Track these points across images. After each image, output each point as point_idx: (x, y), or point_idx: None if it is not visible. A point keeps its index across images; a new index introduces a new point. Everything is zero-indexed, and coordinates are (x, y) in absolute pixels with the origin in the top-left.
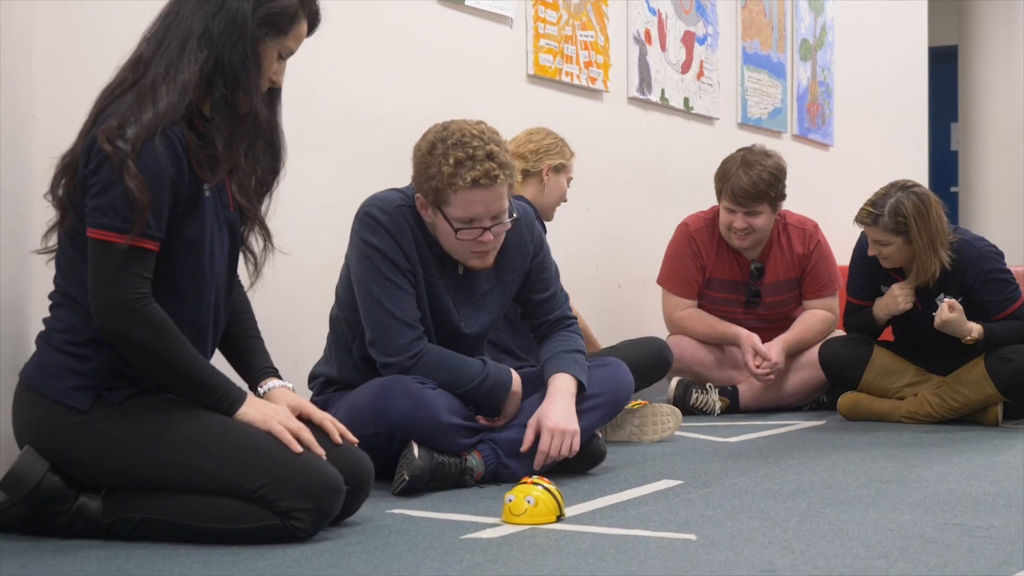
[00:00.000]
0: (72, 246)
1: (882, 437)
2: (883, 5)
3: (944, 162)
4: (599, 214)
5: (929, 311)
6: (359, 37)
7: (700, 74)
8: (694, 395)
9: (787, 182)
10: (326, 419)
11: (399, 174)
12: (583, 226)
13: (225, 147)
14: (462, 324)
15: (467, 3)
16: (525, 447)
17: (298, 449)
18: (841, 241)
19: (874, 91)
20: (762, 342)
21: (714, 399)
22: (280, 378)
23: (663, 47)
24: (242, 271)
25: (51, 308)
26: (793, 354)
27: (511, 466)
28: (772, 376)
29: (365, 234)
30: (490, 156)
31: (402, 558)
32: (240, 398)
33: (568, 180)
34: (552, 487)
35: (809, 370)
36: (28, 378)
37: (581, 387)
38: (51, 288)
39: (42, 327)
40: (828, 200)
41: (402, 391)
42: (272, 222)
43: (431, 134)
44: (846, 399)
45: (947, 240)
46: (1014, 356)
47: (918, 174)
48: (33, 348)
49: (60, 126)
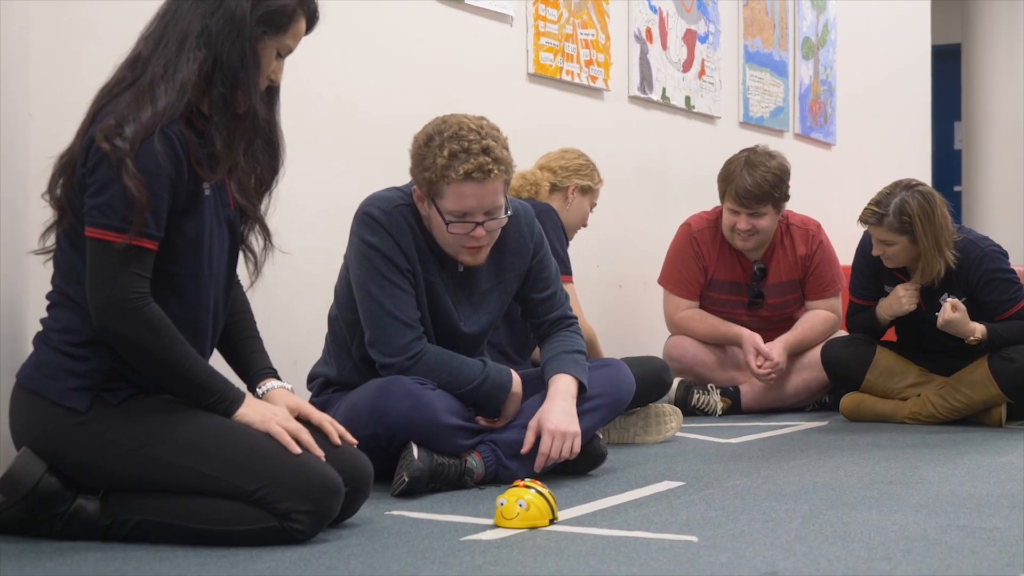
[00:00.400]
0: (70, 246)
1: (885, 438)
2: (886, 3)
3: (947, 161)
4: (600, 214)
5: (932, 311)
6: (358, 36)
7: (701, 73)
8: (695, 396)
9: (790, 182)
10: (325, 420)
11: (399, 173)
12: None
13: (224, 146)
14: (461, 324)
15: (467, 1)
16: (525, 449)
17: (297, 450)
18: (844, 241)
19: (877, 90)
20: (764, 343)
21: (716, 400)
22: (279, 379)
23: (664, 45)
24: (242, 271)
25: (49, 308)
26: (795, 354)
27: (511, 467)
28: (774, 376)
29: (364, 233)
30: (486, 150)
31: (402, 560)
32: (239, 399)
33: (592, 206)
34: (544, 490)
35: (811, 371)
36: (25, 379)
37: (582, 388)
38: (49, 288)
39: (39, 327)
40: (830, 199)
41: (402, 392)
42: (271, 221)
43: (430, 126)
44: (848, 400)
45: (952, 239)
46: (1018, 356)
47: (921, 173)
48: (30, 349)
49: (57, 125)
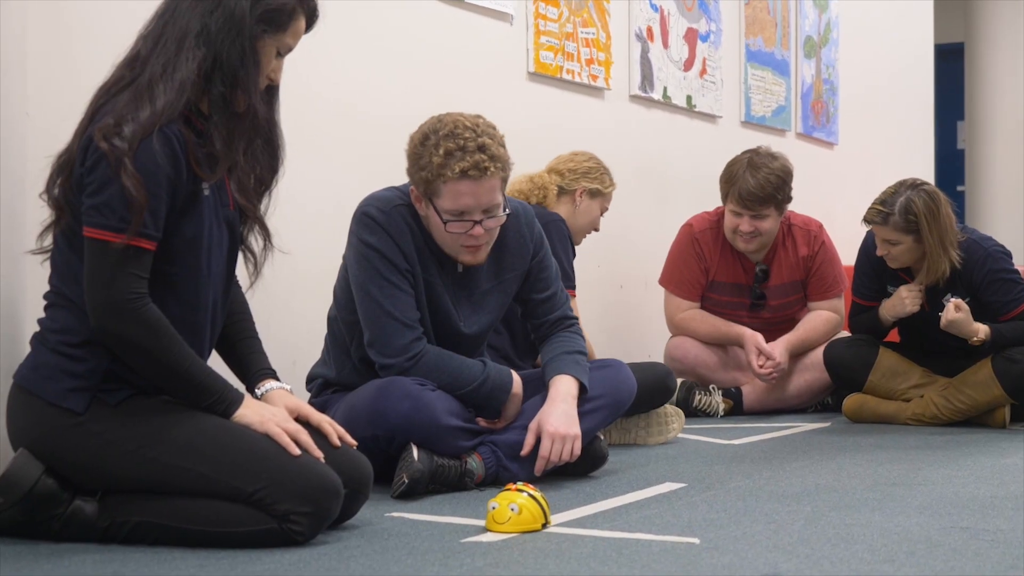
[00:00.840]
0: (68, 246)
1: (888, 439)
2: (888, 2)
3: (950, 160)
4: None
5: (936, 311)
6: (358, 35)
7: (703, 72)
8: (697, 397)
9: (792, 183)
10: (324, 421)
11: (399, 173)
12: None
13: (224, 145)
14: (461, 324)
15: (467, 0)
16: (525, 451)
17: (296, 452)
18: (846, 241)
19: (879, 89)
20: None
21: (717, 401)
22: (278, 379)
23: (665, 44)
24: (241, 271)
25: (46, 309)
26: (797, 355)
27: (512, 469)
28: (775, 376)
29: (363, 234)
30: (481, 148)
31: (401, 562)
32: (237, 400)
33: (603, 210)
34: (537, 494)
35: (814, 372)
36: (22, 380)
37: (583, 389)
38: (46, 288)
39: (37, 328)
40: (832, 199)
41: (401, 393)
42: (271, 221)
43: (426, 125)
44: (851, 401)
45: (956, 239)
46: (1021, 358)
47: (924, 173)
48: (27, 349)
49: (55, 124)
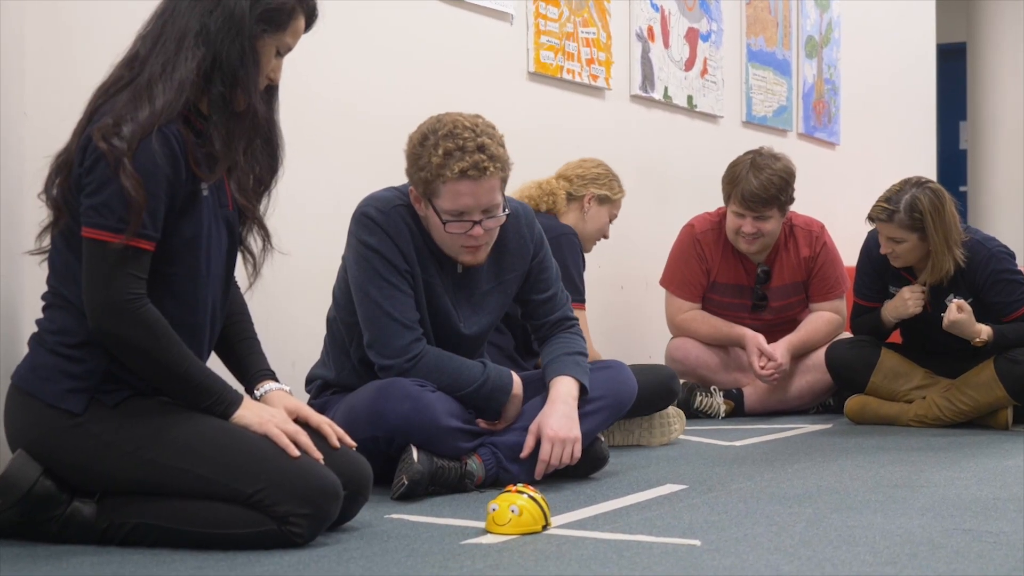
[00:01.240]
0: (66, 246)
1: (890, 441)
2: (890, 2)
3: (952, 161)
4: None
5: (938, 312)
6: (358, 34)
7: (704, 71)
8: (698, 398)
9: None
10: (324, 422)
11: (399, 173)
12: None
13: (223, 145)
14: (461, 325)
15: (467, 0)
16: (525, 454)
17: (295, 453)
18: (847, 241)
19: (881, 89)
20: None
21: (718, 402)
22: (277, 381)
23: (666, 44)
24: (240, 272)
25: (44, 309)
26: (799, 356)
27: (512, 470)
28: (777, 377)
29: (362, 234)
30: (481, 148)
31: (401, 564)
32: (236, 401)
33: (612, 217)
34: (537, 495)
35: (815, 373)
36: (20, 380)
37: (584, 390)
38: (44, 289)
39: (35, 329)
40: (834, 199)
41: (401, 394)
42: (270, 222)
43: (425, 125)
44: (853, 402)
45: (960, 238)
46: None
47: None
48: (26, 350)
49: (53, 124)
